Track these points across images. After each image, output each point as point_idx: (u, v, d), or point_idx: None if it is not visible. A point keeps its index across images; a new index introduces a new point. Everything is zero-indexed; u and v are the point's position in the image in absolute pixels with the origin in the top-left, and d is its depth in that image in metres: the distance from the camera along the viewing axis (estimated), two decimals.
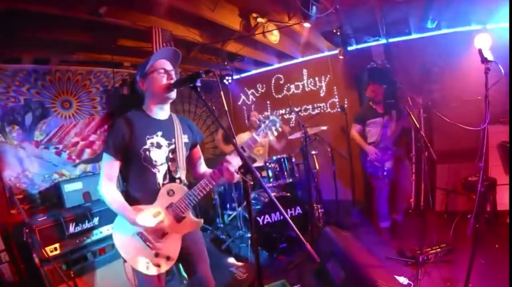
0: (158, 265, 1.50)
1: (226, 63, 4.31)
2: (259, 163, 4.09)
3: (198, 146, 1.78)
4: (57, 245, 2.40)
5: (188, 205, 1.54)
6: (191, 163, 1.75)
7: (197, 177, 1.77)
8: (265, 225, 3.25)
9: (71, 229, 2.49)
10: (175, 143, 1.59)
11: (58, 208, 2.84)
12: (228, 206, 4.14)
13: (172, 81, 1.56)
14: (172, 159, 1.58)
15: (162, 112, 1.62)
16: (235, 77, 5.27)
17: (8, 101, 3.05)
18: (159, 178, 1.55)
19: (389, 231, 3.44)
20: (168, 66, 1.59)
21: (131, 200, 1.53)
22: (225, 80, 4.52)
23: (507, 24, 3.33)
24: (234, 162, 1.48)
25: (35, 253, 2.30)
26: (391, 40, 4.24)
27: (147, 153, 1.51)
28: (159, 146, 1.55)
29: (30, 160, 3.13)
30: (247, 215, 3.59)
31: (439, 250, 2.70)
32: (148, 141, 1.52)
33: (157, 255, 1.51)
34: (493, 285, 2.25)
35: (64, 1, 2.31)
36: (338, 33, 3.78)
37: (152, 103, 1.59)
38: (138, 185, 1.55)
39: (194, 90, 1.37)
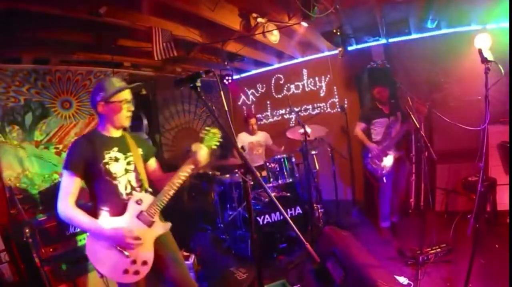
0: (137, 272, 1.57)
1: (226, 63, 4.30)
2: (258, 163, 4.09)
3: (154, 157, 1.90)
4: (57, 245, 2.40)
5: (157, 209, 1.65)
6: (149, 172, 1.85)
7: (157, 185, 1.83)
8: (265, 225, 3.25)
9: (71, 229, 2.49)
10: (131, 156, 1.71)
11: None
12: (228, 205, 4.13)
13: (131, 113, 1.70)
14: (131, 170, 1.69)
15: (116, 131, 1.73)
16: (235, 77, 5.27)
17: (8, 101, 3.06)
18: (121, 188, 1.64)
19: (390, 230, 3.45)
20: (129, 96, 1.70)
21: (100, 214, 1.60)
22: (225, 80, 4.52)
23: (507, 24, 3.33)
24: (201, 152, 1.69)
25: (35, 253, 2.30)
26: (391, 40, 4.23)
27: (107, 166, 1.60)
28: (116, 160, 1.65)
29: (30, 160, 3.13)
30: (247, 215, 3.59)
31: (439, 250, 2.70)
32: (107, 156, 1.62)
33: (134, 262, 1.57)
34: (493, 285, 2.25)
35: (64, 1, 2.31)
36: (338, 33, 3.78)
37: (110, 125, 1.69)
38: (103, 198, 1.62)
39: (194, 90, 1.38)
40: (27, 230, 2.30)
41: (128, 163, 1.68)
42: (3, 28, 2.39)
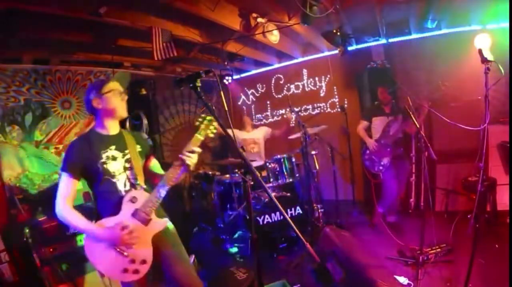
0: (136, 271, 1.56)
1: (226, 63, 4.31)
2: (258, 162, 4.09)
3: (153, 155, 1.88)
4: (57, 245, 2.40)
5: (152, 207, 1.62)
6: (148, 169, 1.83)
7: (156, 182, 1.81)
8: (265, 225, 3.25)
9: (71, 229, 2.49)
10: (129, 153, 1.69)
11: None
12: (228, 206, 4.13)
13: (125, 102, 1.70)
14: (129, 168, 1.68)
15: (113, 128, 1.72)
16: (235, 77, 5.27)
17: (8, 101, 3.06)
18: (120, 186, 1.63)
19: (386, 225, 3.46)
20: (121, 87, 1.73)
21: (99, 214, 1.62)
22: (225, 80, 4.52)
23: (507, 24, 3.33)
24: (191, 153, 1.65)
25: (35, 253, 2.30)
26: (391, 40, 4.23)
27: (105, 165, 1.61)
28: (114, 158, 1.64)
29: (30, 160, 3.13)
30: (247, 215, 3.59)
31: (439, 250, 2.70)
32: (104, 155, 1.62)
33: (132, 261, 1.56)
34: (493, 285, 2.25)
35: (64, 1, 2.31)
36: (338, 33, 3.78)
37: (106, 120, 1.69)
38: (103, 197, 1.63)
39: (194, 90, 1.39)
40: (27, 230, 2.31)
41: (127, 161, 1.67)
42: (3, 28, 2.39)
